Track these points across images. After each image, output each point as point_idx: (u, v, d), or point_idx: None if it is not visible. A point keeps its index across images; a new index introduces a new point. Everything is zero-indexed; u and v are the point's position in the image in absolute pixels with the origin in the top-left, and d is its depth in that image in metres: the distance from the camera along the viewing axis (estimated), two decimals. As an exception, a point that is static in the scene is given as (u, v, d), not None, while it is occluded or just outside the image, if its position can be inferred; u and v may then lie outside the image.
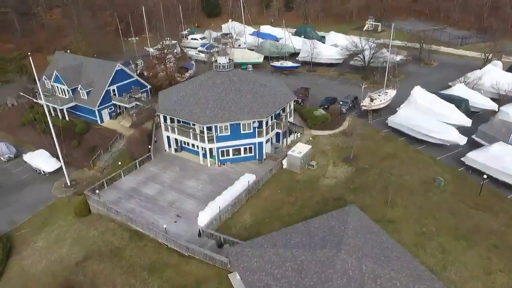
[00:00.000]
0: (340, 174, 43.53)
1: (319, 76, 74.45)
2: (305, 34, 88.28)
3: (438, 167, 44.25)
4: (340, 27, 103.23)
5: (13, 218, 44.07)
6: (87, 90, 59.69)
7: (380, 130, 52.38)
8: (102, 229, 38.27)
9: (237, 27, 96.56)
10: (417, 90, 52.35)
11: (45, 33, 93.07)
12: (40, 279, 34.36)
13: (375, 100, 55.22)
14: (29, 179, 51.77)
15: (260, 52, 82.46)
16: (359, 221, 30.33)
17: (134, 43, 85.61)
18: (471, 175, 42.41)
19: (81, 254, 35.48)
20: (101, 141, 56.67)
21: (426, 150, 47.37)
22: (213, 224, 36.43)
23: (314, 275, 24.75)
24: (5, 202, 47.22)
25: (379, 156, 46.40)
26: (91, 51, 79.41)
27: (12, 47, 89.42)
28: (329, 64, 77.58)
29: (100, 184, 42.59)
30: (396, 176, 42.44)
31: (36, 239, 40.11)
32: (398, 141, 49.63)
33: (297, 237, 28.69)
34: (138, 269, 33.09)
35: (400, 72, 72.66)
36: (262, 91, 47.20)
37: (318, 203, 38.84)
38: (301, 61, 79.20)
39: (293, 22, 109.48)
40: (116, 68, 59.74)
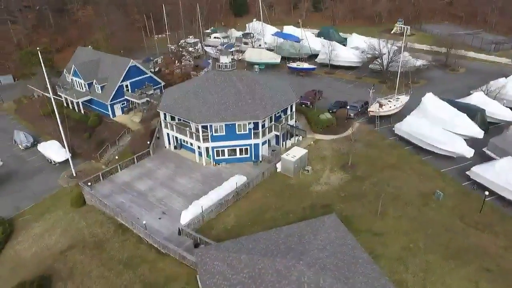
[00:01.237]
0: (334, 181, 42.11)
1: (335, 79, 72.61)
2: (327, 35, 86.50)
3: (441, 179, 41.74)
4: (368, 30, 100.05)
5: (20, 204, 46.09)
6: (102, 84, 61.65)
7: (387, 138, 50.21)
8: (91, 220, 39.29)
9: (260, 27, 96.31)
10: (428, 97, 49.67)
11: (76, 29, 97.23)
12: (27, 265, 35.76)
13: (384, 106, 52.95)
14: (40, 168, 54.04)
15: (279, 53, 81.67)
16: (334, 231, 29.12)
17: (156, 40, 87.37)
18: (476, 190, 39.63)
19: (67, 244, 36.63)
20: (111, 134, 58.30)
21: (432, 161, 44.84)
22: (196, 223, 36.40)
23: (269, 284, 24.01)
24: (15, 189, 49.56)
25: (380, 165, 44.46)
26: (115, 47, 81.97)
27: (46, 41, 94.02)
28: (348, 67, 75.48)
29: (96, 176, 43.81)
30: (393, 187, 40.49)
31: (34, 226, 41.79)
32: (403, 150, 47.32)
33: (264, 244, 27.96)
34: (116, 262, 33.65)
35: (421, 78, 69.69)
36: (262, 93, 46.59)
37: (305, 210, 37.76)
38: (319, 63, 77.67)
39: (320, 23, 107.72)
40: (129, 64, 61.24)
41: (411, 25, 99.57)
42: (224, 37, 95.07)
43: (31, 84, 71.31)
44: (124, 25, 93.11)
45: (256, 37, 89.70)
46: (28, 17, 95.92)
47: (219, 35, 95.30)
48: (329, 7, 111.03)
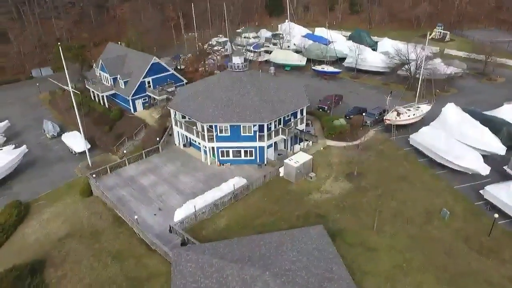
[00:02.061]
0: (336, 190, 40.62)
1: (360, 84, 70.22)
2: (359, 38, 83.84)
3: (452, 197, 39.02)
4: (405, 34, 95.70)
5: (38, 189, 48.63)
6: (125, 80, 63.69)
7: (401, 148, 47.72)
8: (93, 211, 40.65)
9: (293, 27, 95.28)
10: (449, 107, 46.64)
11: (114, 25, 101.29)
12: (29, 249, 37.55)
13: (402, 114, 50.37)
14: (62, 157, 56.80)
15: (307, 55, 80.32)
16: (316, 243, 28.13)
17: (185, 39, 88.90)
18: (489, 211, 36.60)
19: (66, 231, 38.13)
20: (129, 129, 60.09)
21: (446, 176, 42.06)
22: (188, 222, 36.55)
23: (233, 291, 23.55)
24: (37, 175, 52.45)
25: (388, 176, 42.35)
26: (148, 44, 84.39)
27: (86, 36, 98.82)
28: (375, 72, 72.72)
29: (104, 169, 45.30)
30: (398, 201, 38.43)
31: (45, 211, 43.90)
32: (417, 162, 44.78)
33: (241, 249, 27.51)
34: (106, 254, 34.53)
35: (453, 86, 65.74)
36: (272, 95, 45.96)
37: (298, 218, 36.72)
38: (346, 66, 75.51)
39: (356, 26, 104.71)
40: (152, 61, 62.73)
41: (452, 30, 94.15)
42: (255, 37, 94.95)
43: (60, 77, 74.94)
44: (158, 23, 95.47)
45: (286, 38, 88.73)
46: (72, 13, 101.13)
47: (249, 34, 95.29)
48: (366, 10, 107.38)
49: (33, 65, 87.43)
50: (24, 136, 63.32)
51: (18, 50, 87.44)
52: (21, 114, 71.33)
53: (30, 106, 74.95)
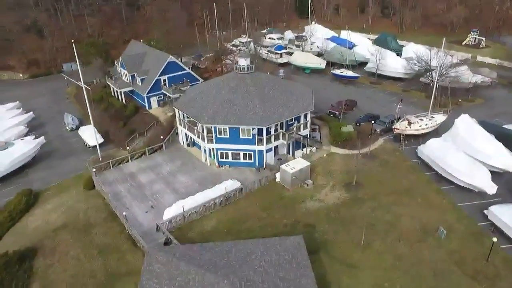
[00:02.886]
0: (331, 199, 39.32)
1: (380, 90, 67.74)
2: (384, 43, 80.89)
3: (454, 215, 36.62)
4: (437, 39, 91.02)
5: (50, 179, 50.70)
6: (142, 77, 65.13)
7: (409, 159, 45.47)
8: (91, 204, 41.83)
9: (318, 30, 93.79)
10: (462, 119, 43.79)
11: (144, 23, 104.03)
12: (28, 236, 39.15)
13: (413, 124, 47.94)
14: (77, 149, 58.90)
15: (328, 58, 78.59)
16: (289, 254, 27.30)
17: (207, 37, 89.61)
18: (493, 234, 33.94)
19: (62, 222, 39.47)
20: (142, 125, 61.39)
21: (452, 192, 39.56)
22: (177, 222, 36.73)
23: (190, 297, 23.31)
24: (52, 165, 54.63)
25: (389, 188, 40.47)
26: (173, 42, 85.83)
27: (116, 34, 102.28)
28: (397, 78, 69.87)
29: (107, 164, 46.53)
30: (393, 215, 36.60)
31: (50, 201, 45.68)
32: (422, 176, 42.46)
33: (212, 255, 27.21)
34: (93, 247, 35.41)
35: (479, 96, 61.89)
36: (275, 98, 45.28)
37: (286, 226, 35.88)
38: (367, 71, 73.16)
39: (386, 30, 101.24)
40: (168, 60, 63.70)
41: (490, 36, 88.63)
42: (279, 38, 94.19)
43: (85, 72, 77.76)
44: (184, 21, 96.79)
45: (310, 40, 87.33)
46: (104, 11, 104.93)
47: (274, 35, 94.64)
48: (398, 13, 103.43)
49: (64, 60, 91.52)
50: (46, 128, 66.25)
51: (52, 45, 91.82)
52: (47, 106, 74.79)
53: (56, 99, 78.46)
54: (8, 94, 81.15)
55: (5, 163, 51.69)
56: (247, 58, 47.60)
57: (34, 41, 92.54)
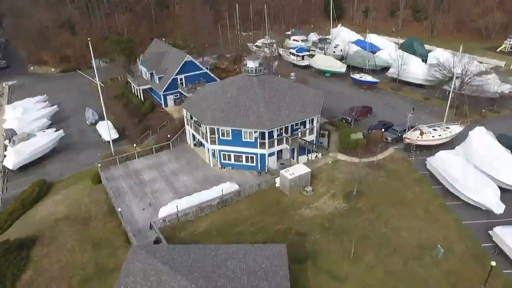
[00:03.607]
0: (328, 208, 38.29)
1: (399, 97, 65.34)
2: (411, 48, 77.96)
3: (457, 233, 34.63)
4: (470, 45, 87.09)
5: (64, 171, 52.62)
6: (160, 75, 66.36)
7: (417, 171, 43.52)
8: (94, 198, 43.03)
9: (343, 32, 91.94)
10: (477, 132, 41.34)
11: (171, 21, 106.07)
12: (33, 225, 40.75)
13: (426, 134, 45.81)
14: (94, 143, 60.71)
15: (349, 62, 76.80)
16: (267, 263, 26.81)
17: (229, 37, 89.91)
18: (496, 256, 31.82)
19: (64, 214, 40.83)
20: (157, 123, 62.60)
21: (458, 208, 37.42)
22: (171, 221, 37.07)
23: (159, 299, 23.39)
24: (69, 158, 56.58)
25: (391, 200, 38.90)
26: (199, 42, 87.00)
27: (144, 31, 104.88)
28: (419, 85, 67.12)
29: (114, 159, 47.73)
30: (391, 229, 35.14)
31: (60, 193, 47.32)
32: (429, 189, 40.47)
33: (191, 257, 27.21)
34: (89, 240, 36.39)
35: (506, 107, 58.32)
36: (281, 102, 44.68)
37: (277, 232, 35.30)
38: (389, 76, 70.83)
39: (417, 34, 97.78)
40: (185, 59, 64.50)
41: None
42: (303, 40, 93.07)
43: (116, 68, 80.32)
44: (211, 21, 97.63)
45: (333, 43, 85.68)
46: (134, 9, 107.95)
47: (298, 37, 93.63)
48: (430, 17, 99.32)
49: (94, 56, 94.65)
50: (69, 121, 68.83)
51: (82, 42, 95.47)
52: (73, 100, 77.80)
53: (82, 93, 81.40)
54: (40, 87, 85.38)
55: (25, 153, 54.19)
56: (256, 60, 47.25)
57: (67, 37, 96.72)
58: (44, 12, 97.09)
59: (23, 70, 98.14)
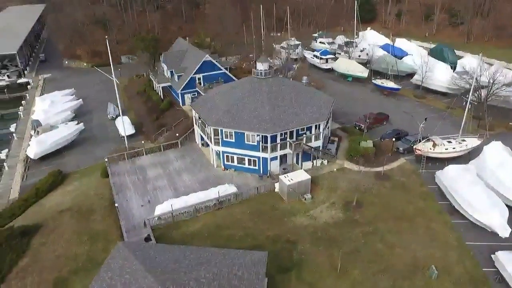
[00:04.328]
0: (323, 217, 37.21)
1: (422, 105, 62.48)
2: (440, 55, 74.39)
3: (458, 254, 32.59)
4: (510, 53, 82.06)
5: (80, 164, 54.60)
6: (179, 74, 67.36)
7: (426, 185, 41.39)
8: (99, 191, 44.32)
9: (372, 36, 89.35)
10: (493, 147, 38.76)
11: (201, 20, 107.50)
12: (40, 214, 42.40)
13: (439, 146, 43.46)
14: (112, 138, 62.56)
15: (373, 67, 74.44)
16: (243, 270, 26.40)
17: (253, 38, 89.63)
18: (498, 283, 29.64)
19: (68, 205, 42.31)
20: (172, 120, 63.58)
21: (463, 227, 35.25)
22: (166, 220, 37.49)
23: (126, 297, 23.65)
24: (86, 150, 58.54)
25: (391, 214, 37.25)
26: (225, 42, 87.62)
27: (174, 30, 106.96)
28: (444, 93, 63.88)
29: (122, 155, 48.97)
30: (385, 244, 33.65)
31: (72, 184, 49.19)
32: (434, 204, 38.37)
33: (169, 257, 27.30)
34: (86, 233, 37.49)
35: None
36: (287, 106, 43.98)
37: (267, 238, 34.75)
38: (414, 83, 67.97)
39: (452, 40, 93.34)
40: (204, 59, 65.06)
41: None
42: (330, 43, 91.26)
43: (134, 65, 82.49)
44: (239, 21, 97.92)
45: (359, 46, 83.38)
46: (166, 8, 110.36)
47: (324, 40, 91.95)
48: (467, 22, 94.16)
49: (123, 52, 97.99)
50: (91, 115, 71.42)
51: (114, 38, 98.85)
52: (98, 95, 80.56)
53: (108, 89, 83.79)
54: (71, 81, 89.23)
55: (46, 144, 56.74)
56: (265, 62, 46.75)
57: (100, 34, 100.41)
58: (81, 9, 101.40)
59: (59, 64, 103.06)
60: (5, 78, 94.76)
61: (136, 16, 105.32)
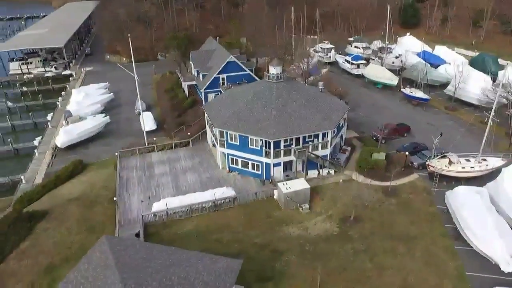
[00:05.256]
0: (316, 230, 35.92)
1: (451, 117, 58.45)
2: (482, 64, 69.18)
3: (453, 283, 30.10)
4: None
5: (101, 155, 56.84)
6: (204, 73, 68.19)
7: (435, 205, 38.60)
8: (107, 184, 45.92)
9: (410, 42, 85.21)
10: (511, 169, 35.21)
11: (238, 20, 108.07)
12: (51, 201, 44.49)
13: (455, 164, 40.36)
14: (135, 132, 64.62)
15: (406, 74, 70.78)
16: (212, 276, 26.14)
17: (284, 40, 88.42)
18: (492, 320, 27.03)
19: (77, 194, 44.25)
20: (193, 119, 64.55)
21: (468, 255, 32.44)
22: (160, 218, 38.10)
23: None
24: (109, 143, 60.51)
25: (389, 233, 35.22)
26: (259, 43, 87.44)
27: (212, 28, 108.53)
28: (479, 106, 59.26)
29: (134, 150, 50.45)
30: (375, 265, 31.83)
31: (88, 174, 51.52)
32: (440, 227, 35.73)
33: (144, 256, 27.61)
34: (86, 223, 39.01)
35: None
36: (295, 112, 42.98)
37: (254, 245, 34.16)
38: (447, 94, 63.82)
39: (502, 47, 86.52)
40: (228, 59, 65.30)
41: None
42: (365, 48, 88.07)
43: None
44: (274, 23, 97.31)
45: (397, 52, 79.66)
46: (206, 7, 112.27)
47: (359, 44, 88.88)
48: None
49: (160, 49, 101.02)
50: (120, 109, 74.17)
51: (152, 35, 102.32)
52: (130, 90, 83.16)
53: (141, 84, 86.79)
54: (109, 75, 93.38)
55: (73, 134, 59.87)
56: (278, 66, 45.97)
57: (140, 30, 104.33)
58: (125, 6, 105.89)
59: (102, 58, 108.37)
60: (52, 70, 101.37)
61: (176, 14, 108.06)
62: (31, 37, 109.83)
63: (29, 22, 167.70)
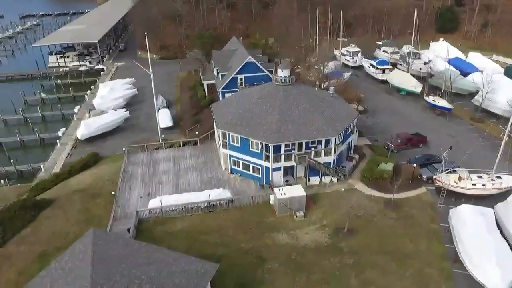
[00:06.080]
0: (306, 239, 34.87)
1: (474, 130, 54.82)
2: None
3: (443, 308, 28.12)
4: None
5: (117, 149, 57.73)
6: (223, 72, 68.45)
7: (438, 222, 36.38)
8: (113, 178, 47.04)
9: (443, 48, 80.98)
10: (522, 190, 32.44)
11: (267, 21, 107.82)
12: (60, 191, 46.40)
13: (464, 180, 37.76)
14: (152, 128, 65.75)
15: (432, 81, 67.41)
16: (186, 279, 26.13)
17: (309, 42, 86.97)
18: None
19: (84, 185, 45.72)
20: (209, 118, 64.86)
21: (465, 279, 30.20)
22: (155, 215, 38.59)
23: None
24: (127, 137, 61.85)
25: (383, 249, 33.54)
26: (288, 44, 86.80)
27: (242, 28, 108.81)
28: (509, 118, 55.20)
29: (142, 146, 51.48)
30: (361, 281, 30.49)
31: (100, 167, 53.12)
32: (439, 246, 33.56)
33: (123, 253, 27.97)
34: (85, 215, 40.19)
35: None
36: (299, 116, 42.00)
37: (239, 250, 33.70)
38: (475, 104, 60.09)
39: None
40: (246, 60, 65.10)
41: None
42: (394, 52, 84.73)
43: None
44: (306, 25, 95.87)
45: (426, 58, 76.03)
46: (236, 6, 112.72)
47: (388, 49, 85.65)
48: None
49: (190, 47, 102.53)
50: (142, 105, 75.94)
51: (182, 33, 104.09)
52: (155, 86, 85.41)
53: (167, 81, 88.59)
54: (137, 71, 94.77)
55: (92, 127, 62.21)
56: (286, 69, 45.10)
57: (171, 28, 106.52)
58: (158, 4, 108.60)
59: (133, 54, 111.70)
60: (86, 64, 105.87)
61: (207, 13, 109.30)
62: (69, 33, 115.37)
63: (74, 18, 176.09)
